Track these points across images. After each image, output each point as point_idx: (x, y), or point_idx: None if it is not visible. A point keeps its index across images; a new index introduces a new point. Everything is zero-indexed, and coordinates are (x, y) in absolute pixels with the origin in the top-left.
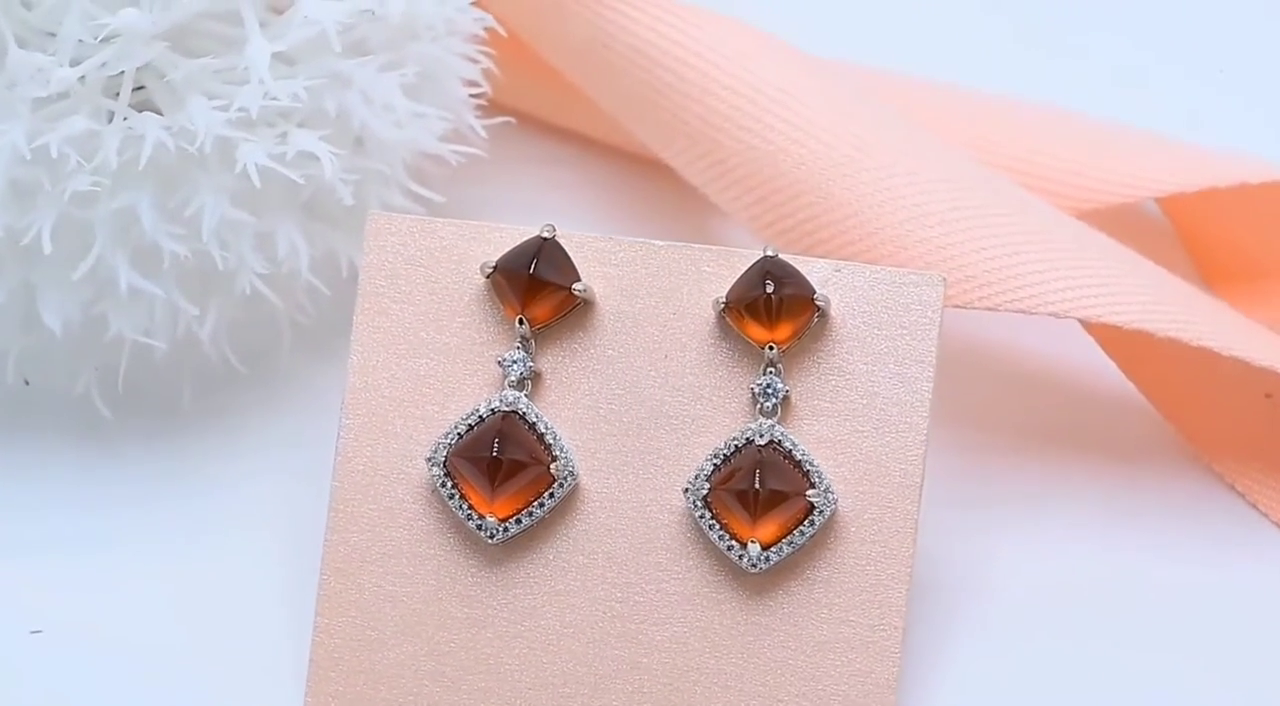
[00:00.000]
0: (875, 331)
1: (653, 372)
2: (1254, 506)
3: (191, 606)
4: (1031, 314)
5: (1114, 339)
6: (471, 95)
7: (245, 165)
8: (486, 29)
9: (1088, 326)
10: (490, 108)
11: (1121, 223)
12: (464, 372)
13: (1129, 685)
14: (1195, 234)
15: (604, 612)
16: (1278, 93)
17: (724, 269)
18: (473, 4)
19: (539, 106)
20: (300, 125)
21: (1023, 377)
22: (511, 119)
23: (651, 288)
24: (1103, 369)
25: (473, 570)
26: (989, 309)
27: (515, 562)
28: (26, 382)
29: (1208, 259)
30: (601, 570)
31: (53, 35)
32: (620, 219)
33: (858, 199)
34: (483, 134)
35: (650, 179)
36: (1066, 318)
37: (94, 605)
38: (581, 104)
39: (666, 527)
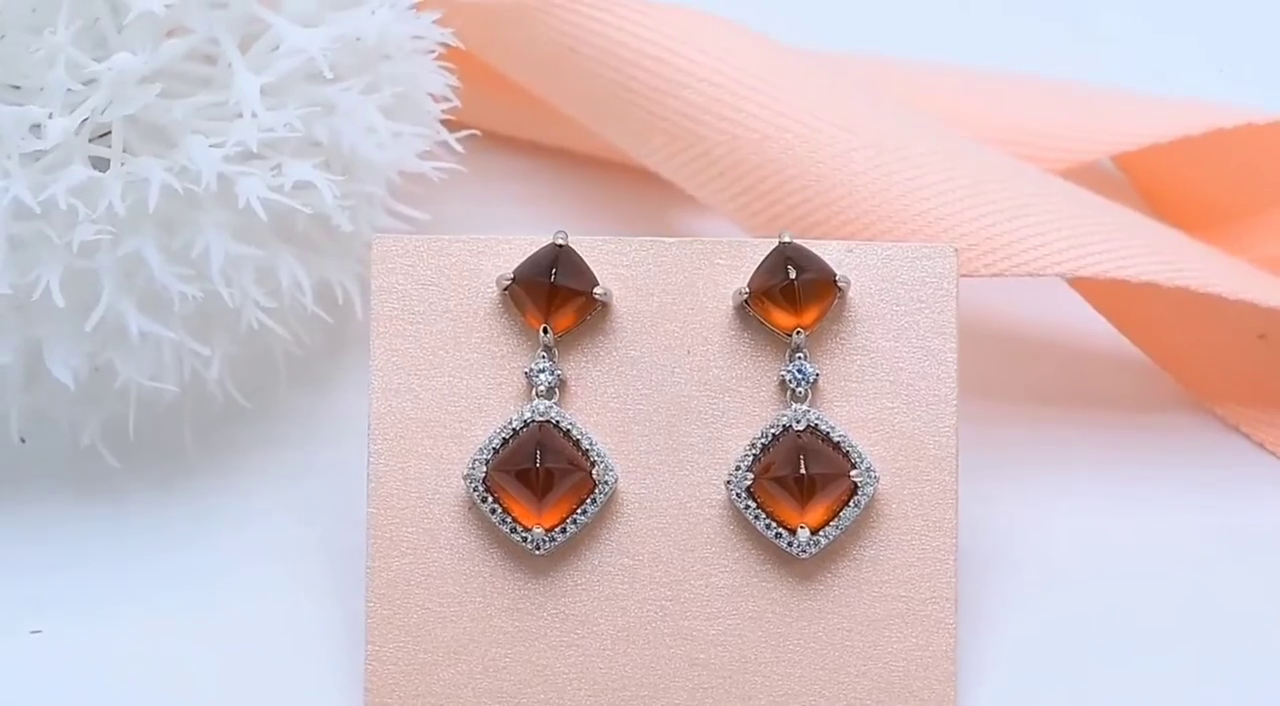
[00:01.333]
0: (894, 308)
1: (677, 369)
2: (1261, 446)
3: (232, 650)
4: (1038, 276)
5: (1104, 296)
6: (444, 111)
7: (248, 200)
8: (445, 45)
9: (1076, 285)
10: (449, 125)
11: (1079, 181)
12: (488, 387)
13: (1175, 631)
14: (1152, 186)
15: (656, 613)
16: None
17: (737, 260)
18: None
19: (496, 121)
20: (291, 155)
21: (1016, 343)
22: (477, 132)
23: (666, 285)
24: (1095, 327)
25: (519, 583)
26: (995, 275)
27: (561, 572)
28: (23, 441)
29: (1167, 210)
30: (648, 571)
31: (16, 87)
32: (598, 224)
33: (850, 178)
34: (460, 149)
35: (621, 182)
36: (1073, 277)
37: (129, 662)
38: (541, 115)
39: (708, 522)
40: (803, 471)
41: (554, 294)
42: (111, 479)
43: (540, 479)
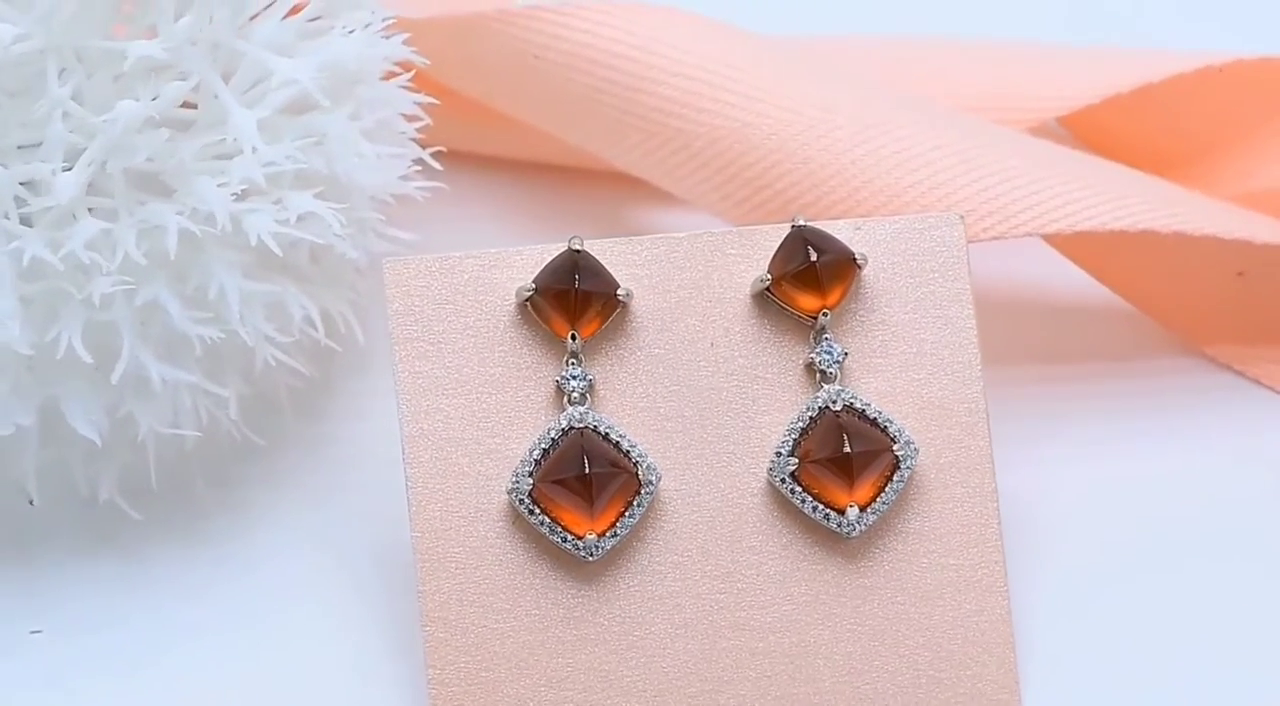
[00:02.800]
0: (908, 280)
1: (702, 362)
2: (1257, 382)
3: (289, 691)
4: (1038, 235)
5: (1081, 249)
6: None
7: (258, 236)
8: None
9: (1053, 241)
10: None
11: None
12: (517, 399)
13: (1216, 565)
14: (1098, 142)
15: (710, 606)
16: None
17: (747, 249)
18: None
19: (454, 139)
20: (290, 187)
21: (995, 307)
22: (443, 148)
23: (681, 280)
24: (1073, 282)
25: (572, 591)
26: (995, 239)
27: (612, 576)
28: (31, 503)
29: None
30: (698, 565)
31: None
32: (565, 228)
33: (837, 157)
34: (439, 167)
35: (580, 186)
36: (1073, 232)
37: None
38: (498, 130)
39: (752, 511)
40: (847, 450)
41: (579, 299)
42: (129, 531)
43: (590, 485)
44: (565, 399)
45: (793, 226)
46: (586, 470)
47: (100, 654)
